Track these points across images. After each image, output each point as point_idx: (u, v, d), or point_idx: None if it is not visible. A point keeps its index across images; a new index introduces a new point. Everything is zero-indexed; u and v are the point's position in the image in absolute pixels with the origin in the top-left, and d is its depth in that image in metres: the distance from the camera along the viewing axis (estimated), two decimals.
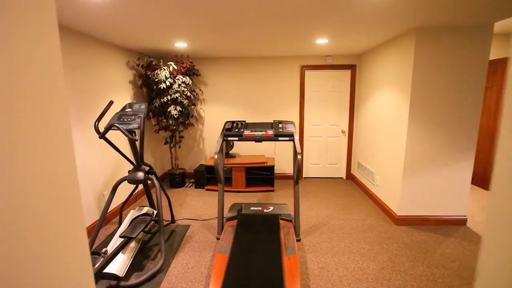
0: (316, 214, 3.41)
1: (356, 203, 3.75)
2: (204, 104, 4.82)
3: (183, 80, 4.05)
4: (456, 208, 3.07)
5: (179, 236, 2.91)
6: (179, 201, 3.91)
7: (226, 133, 2.90)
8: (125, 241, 2.22)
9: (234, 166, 4.21)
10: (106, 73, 3.27)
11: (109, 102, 2.52)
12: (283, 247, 2.37)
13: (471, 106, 2.85)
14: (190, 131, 4.90)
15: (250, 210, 3.10)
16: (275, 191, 4.28)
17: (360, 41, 3.40)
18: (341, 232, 2.94)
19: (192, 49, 3.83)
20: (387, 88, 3.39)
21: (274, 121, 3.03)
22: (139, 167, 2.62)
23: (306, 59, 4.53)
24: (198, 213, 3.50)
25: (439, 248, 2.63)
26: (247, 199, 3.95)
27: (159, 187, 2.55)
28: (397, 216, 3.09)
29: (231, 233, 2.64)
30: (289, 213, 3.01)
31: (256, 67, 4.63)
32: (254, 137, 2.84)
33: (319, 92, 4.64)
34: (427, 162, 2.97)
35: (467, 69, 2.78)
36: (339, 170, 4.90)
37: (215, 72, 4.69)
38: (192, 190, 4.39)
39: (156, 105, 3.93)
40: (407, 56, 2.89)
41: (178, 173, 4.46)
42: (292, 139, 2.77)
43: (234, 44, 3.51)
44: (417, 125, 2.90)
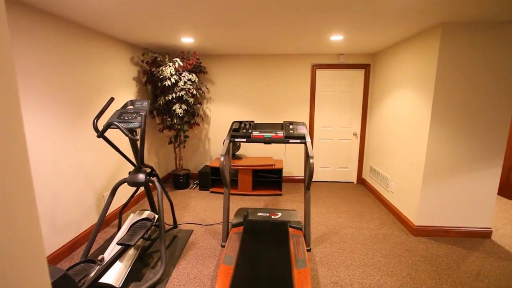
0: (326, 221, 3.21)
1: (368, 210, 3.53)
2: (211, 103, 4.66)
3: (189, 78, 3.89)
4: (480, 220, 2.84)
5: (182, 242, 2.75)
6: (182, 204, 3.75)
7: (233, 134, 2.73)
8: (123, 249, 2.06)
9: (241, 168, 4.03)
10: (108, 69, 3.12)
11: (110, 98, 2.36)
12: (293, 259, 2.18)
13: (500, 110, 2.61)
14: (195, 131, 4.74)
15: (257, 216, 2.92)
16: (282, 195, 4.09)
17: (377, 38, 3.19)
18: (354, 242, 2.74)
19: (199, 45, 3.67)
20: (406, 89, 3.17)
21: (284, 122, 2.84)
22: (140, 169, 2.46)
23: (318, 58, 4.33)
24: (202, 217, 3.33)
25: (463, 263, 2.41)
26: (254, 203, 3.77)
27: (160, 191, 2.39)
28: (415, 226, 2.86)
29: (236, 241, 2.46)
30: (298, 220, 2.82)
31: (265, 65, 4.44)
32: (263, 138, 2.66)
33: (331, 92, 4.43)
34: (449, 169, 2.75)
35: (498, 69, 2.55)
36: (349, 174, 4.68)
37: (222, 70, 4.52)
38: (196, 192, 4.23)
39: (160, 103, 3.78)
40: (430, 55, 2.67)
41: (182, 174, 4.31)
42: (304, 142, 2.58)
43: (243, 40, 3.33)
44: (439, 129, 2.67)
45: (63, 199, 2.46)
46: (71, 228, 2.57)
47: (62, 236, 2.45)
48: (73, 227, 2.59)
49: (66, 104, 2.49)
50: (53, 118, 2.34)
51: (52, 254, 2.33)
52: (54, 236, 2.36)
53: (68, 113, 2.51)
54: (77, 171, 2.63)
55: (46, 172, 2.27)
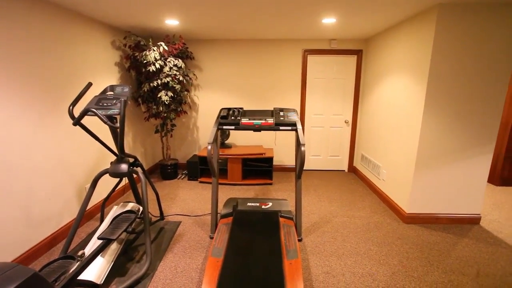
0: (318, 210, 3.16)
1: (360, 198, 3.50)
2: (199, 90, 4.48)
3: (175, 63, 3.70)
4: (470, 206, 2.84)
5: (169, 234, 2.65)
6: (171, 195, 3.64)
7: (221, 121, 2.60)
8: (104, 243, 1.95)
9: (230, 157, 3.93)
10: (87, 54, 2.91)
11: (87, 84, 2.19)
12: (284, 249, 2.12)
13: (494, 96, 2.57)
14: (183, 119, 4.58)
15: (247, 206, 2.83)
16: (273, 184, 4.02)
17: (370, 21, 3.07)
18: (346, 231, 2.70)
19: (185, 28, 3.47)
20: (399, 76, 3.09)
21: (274, 109, 2.73)
22: (122, 159, 2.32)
23: (309, 43, 4.19)
24: (190, 208, 3.23)
25: (453, 250, 2.41)
26: (244, 193, 3.69)
27: (144, 181, 2.26)
28: (406, 214, 2.85)
29: (225, 233, 2.38)
30: (289, 209, 2.76)
31: (255, 51, 4.28)
32: (253, 126, 2.54)
33: (322, 79, 4.32)
34: (442, 156, 2.71)
35: (493, 53, 2.48)
36: (341, 163, 4.64)
37: (211, 55, 4.33)
38: (184, 182, 4.11)
39: (145, 89, 3.59)
40: (425, 39, 2.58)
41: (169, 164, 4.17)
42: (295, 129, 2.48)
43: (231, 22, 3.16)
44: (433, 115, 2.62)
45: (39, 192, 2.30)
46: (50, 222, 2.42)
47: (39, 231, 2.31)
48: (53, 221, 2.45)
49: (40, 91, 2.30)
50: (24, 106, 2.15)
51: (28, 250, 2.19)
52: (30, 231, 2.21)
53: (42, 100, 2.32)
54: (55, 162, 2.47)
55: (18, 164, 2.10)
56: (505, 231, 2.75)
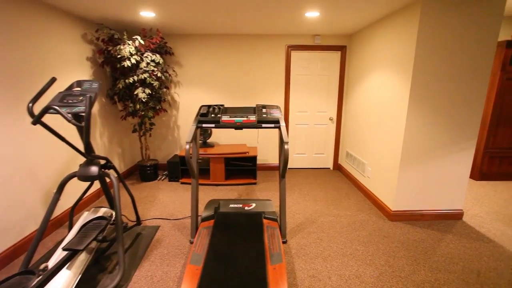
0: (303, 210, 3.08)
1: (345, 196, 3.45)
2: (179, 87, 4.30)
3: (153, 58, 3.50)
4: (453, 202, 2.84)
5: (146, 240, 2.48)
6: (149, 197, 3.45)
7: (200, 119, 2.46)
8: (69, 255, 1.77)
9: (212, 157, 3.78)
10: (54, 48, 2.68)
11: (51, 78, 1.99)
12: (268, 253, 2.01)
13: (476, 90, 2.56)
14: (163, 118, 4.38)
15: (229, 207, 2.71)
16: (257, 183, 3.91)
17: (355, 15, 3.00)
18: (332, 231, 2.63)
19: (162, 21, 3.28)
20: (383, 72, 3.04)
21: (257, 106, 2.61)
22: (91, 161, 2.13)
23: (293, 39, 4.10)
24: (170, 211, 3.06)
25: (438, 247, 2.38)
26: (227, 194, 3.56)
27: (117, 184, 2.08)
28: (391, 211, 2.81)
29: (206, 237, 2.24)
30: (273, 210, 2.66)
31: (237, 46, 4.14)
32: (234, 123, 2.42)
33: (306, 75, 4.24)
34: (426, 152, 2.69)
35: (475, 47, 2.47)
36: (326, 160, 4.60)
37: (192, 51, 4.15)
38: (165, 183, 3.93)
39: (120, 86, 3.38)
40: (409, 33, 2.54)
41: (149, 165, 3.97)
42: (278, 126, 2.38)
43: (210, 15, 3.01)
44: (418, 111, 2.58)
45: None
46: (11, 232, 2.20)
47: None
48: (13, 231, 2.22)
49: None
50: None
51: None
52: None
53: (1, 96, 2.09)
54: (16, 165, 2.24)
55: None
56: (486, 225, 2.76)
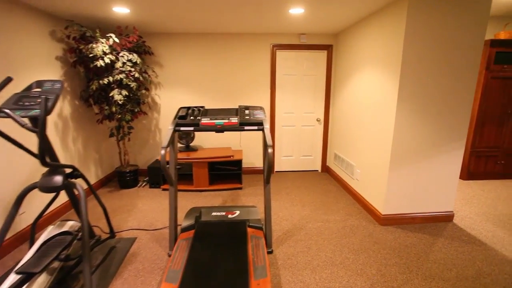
0: (290, 216, 2.94)
1: (334, 200, 3.34)
2: (160, 88, 4.09)
3: (129, 58, 3.29)
4: (444, 204, 2.76)
5: (120, 255, 2.27)
6: (128, 206, 3.23)
7: (178, 122, 2.28)
8: (24, 278, 1.55)
9: (195, 161, 3.59)
10: (18, 46, 2.44)
11: (5, 78, 1.77)
12: (251, 267, 1.85)
13: (465, 88, 2.50)
14: (143, 121, 4.16)
15: (211, 216, 2.53)
16: (243, 188, 3.75)
17: (341, 13, 2.90)
18: (320, 238, 2.50)
19: (139, 18, 3.08)
20: (370, 70, 2.95)
21: (239, 107, 2.46)
22: (55, 169, 1.92)
23: (278, 37, 3.97)
24: (149, 221, 2.86)
25: (431, 252, 2.28)
26: (211, 200, 3.38)
27: (83, 196, 1.88)
28: (382, 215, 2.70)
29: (185, 250, 2.06)
30: (258, 218, 2.50)
31: (221, 45, 3.98)
32: (214, 126, 2.25)
33: (292, 75, 4.12)
34: (416, 153, 2.60)
35: (463, 45, 2.40)
36: (313, 163, 4.48)
37: (173, 51, 3.96)
38: (145, 190, 3.71)
39: (93, 88, 3.15)
40: (397, 31, 2.45)
41: (128, 171, 3.74)
42: (262, 129, 2.23)
43: (190, 12, 2.84)
44: (407, 110, 2.49)
45: None
46: None
47: None
48: None
49: None
50: None
51: None
52: None
53: None
54: None
55: None
56: (476, 227, 2.70)
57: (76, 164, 3.28)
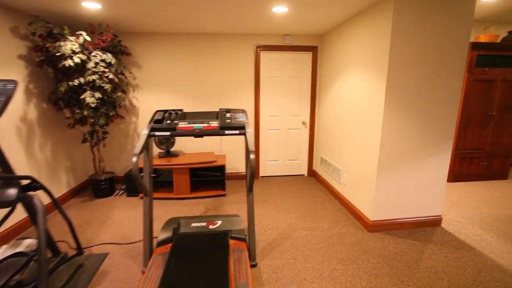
0: (276, 224, 2.79)
1: (321, 206, 3.22)
2: (138, 91, 3.87)
3: (103, 58, 3.08)
4: (432, 208, 2.70)
5: (88, 274, 2.05)
6: (102, 217, 2.99)
7: (153, 127, 2.10)
8: None
9: (176, 168, 3.39)
10: None
11: None
12: (232, 285, 1.69)
13: (451, 90, 2.45)
14: (120, 125, 3.92)
15: (191, 227, 2.35)
16: (226, 195, 3.58)
17: (325, 13, 2.81)
18: (307, 248, 2.36)
19: (112, 15, 2.88)
20: (357, 72, 2.87)
21: (220, 110, 2.30)
22: (8, 181, 1.69)
23: (262, 38, 3.85)
24: (124, 233, 2.64)
25: (421, 260, 2.19)
26: (192, 209, 3.18)
27: (41, 210, 1.66)
28: (370, 221, 2.61)
29: (160, 267, 1.87)
30: (241, 228, 2.34)
31: (203, 46, 3.81)
32: (192, 130, 2.08)
33: (277, 77, 4.01)
34: (404, 157, 2.52)
35: (448, 45, 2.35)
36: (300, 167, 4.37)
37: (151, 51, 3.76)
38: (122, 199, 3.47)
39: (62, 90, 2.91)
40: (383, 31, 2.37)
41: (104, 179, 3.49)
42: (244, 133, 2.08)
43: (166, 9, 2.66)
44: (394, 113, 2.41)
45: None
46: None
47: None
48: None
49: None
50: None
51: None
52: None
53: None
54: None
55: None
56: (464, 231, 2.65)
57: (44, 173, 3.01)
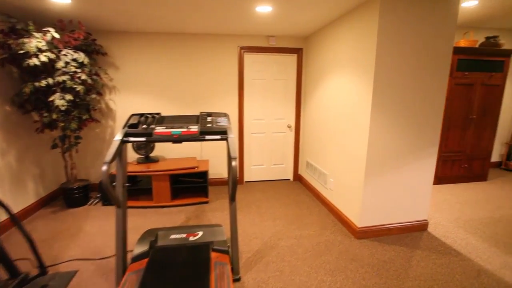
0: (261, 233, 2.67)
1: (307, 212, 3.13)
2: (115, 93, 3.66)
3: (74, 57, 2.86)
4: (419, 212, 2.67)
5: None
6: (73, 229, 2.76)
7: (128, 132, 1.93)
8: None
9: (155, 174, 3.20)
10: None
11: None
12: None
13: (436, 92, 2.43)
14: (96, 129, 3.68)
15: (170, 239, 2.18)
16: (209, 202, 3.42)
17: (311, 13, 2.73)
18: (294, 258, 2.25)
19: (83, 11, 2.68)
20: (343, 74, 2.81)
21: (201, 113, 2.16)
22: None
23: (246, 39, 3.74)
24: (97, 247, 2.43)
25: (410, 268, 2.13)
26: (172, 217, 3.01)
27: None
28: (358, 228, 2.53)
29: (133, 286, 1.70)
30: (224, 239, 2.19)
31: (184, 47, 3.66)
32: (170, 136, 1.93)
33: (262, 79, 3.91)
34: (391, 162, 2.47)
35: (433, 48, 2.33)
36: (285, 171, 4.28)
37: (130, 51, 3.57)
38: (97, 209, 3.24)
39: (26, 91, 2.67)
40: (369, 32, 2.32)
41: (77, 187, 3.25)
42: (225, 138, 1.95)
43: (144, 8, 2.50)
44: (381, 116, 2.35)
45: None
46: None
47: None
48: None
49: None
50: None
51: None
52: None
53: None
54: None
55: None
56: (451, 235, 2.63)
57: (6, 183, 2.75)
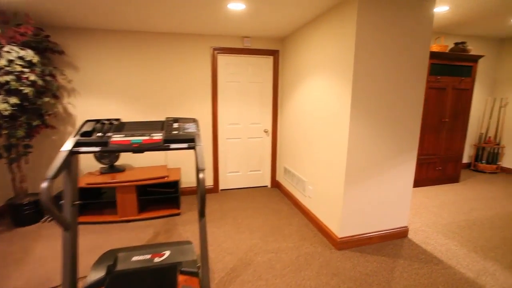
0: (236, 248, 2.46)
1: (286, 222, 2.97)
2: (75, 96, 3.30)
3: (21, 55, 2.51)
4: (399, 219, 2.59)
5: None
6: (19, 252, 2.39)
7: (79, 140, 1.66)
8: None
9: (120, 186, 2.89)
10: None
11: None
12: None
13: (413, 94, 2.37)
14: (52, 137, 3.30)
15: (131, 262, 1.91)
16: (181, 214, 3.16)
17: (286, 13, 2.60)
18: (271, 276, 2.07)
19: (32, 4, 2.35)
20: (320, 77, 2.70)
21: (167, 119, 1.93)
22: None
23: (219, 40, 3.54)
24: (47, 273, 2.10)
25: (392, 279, 2.03)
26: (139, 234, 2.72)
27: None
28: (338, 238, 2.40)
29: None
30: (194, 258, 1.96)
31: (152, 47, 3.39)
32: (129, 145, 1.68)
33: (236, 82, 3.72)
34: (371, 168, 2.38)
35: (411, 51, 2.27)
36: (262, 178, 4.11)
37: (91, 50, 3.24)
38: (52, 227, 2.87)
39: None
40: (347, 33, 2.21)
41: (26, 203, 2.86)
42: (193, 146, 1.73)
43: (104, 2, 2.23)
44: (360, 119, 2.25)
45: None
46: None
47: None
48: None
49: None
50: None
51: None
52: None
53: None
54: None
55: None
56: (431, 241, 2.58)
57: None
